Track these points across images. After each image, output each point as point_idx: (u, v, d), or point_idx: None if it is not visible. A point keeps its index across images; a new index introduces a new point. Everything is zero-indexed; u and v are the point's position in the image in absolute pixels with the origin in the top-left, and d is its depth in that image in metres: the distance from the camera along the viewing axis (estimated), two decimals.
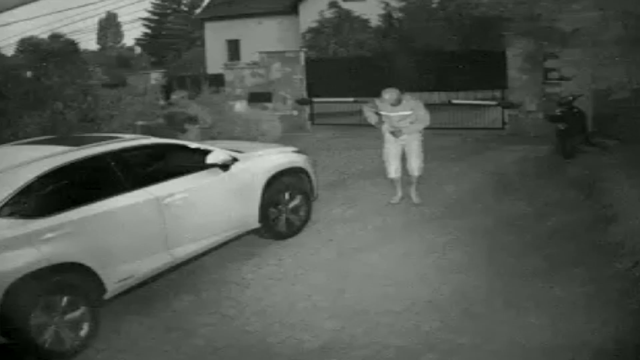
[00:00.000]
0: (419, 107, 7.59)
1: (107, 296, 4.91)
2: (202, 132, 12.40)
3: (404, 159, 7.84)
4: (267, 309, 5.16)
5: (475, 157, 10.70)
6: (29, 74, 14.35)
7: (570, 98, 10.05)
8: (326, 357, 4.37)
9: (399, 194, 7.97)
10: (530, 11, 8.90)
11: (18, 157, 5.11)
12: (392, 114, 7.58)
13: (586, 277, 5.31)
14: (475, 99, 14.85)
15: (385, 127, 7.72)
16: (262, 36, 23.69)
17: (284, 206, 6.67)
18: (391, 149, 7.80)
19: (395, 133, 7.61)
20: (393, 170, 7.85)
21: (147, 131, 10.22)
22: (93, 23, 50.58)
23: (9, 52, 24.49)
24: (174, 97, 14.56)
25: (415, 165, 7.78)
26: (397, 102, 7.46)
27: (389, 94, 7.51)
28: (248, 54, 21.89)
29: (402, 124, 7.56)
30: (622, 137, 9.10)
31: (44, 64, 13.59)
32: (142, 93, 14.51)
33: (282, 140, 11.42)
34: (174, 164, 5.91)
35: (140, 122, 12.53)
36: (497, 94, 13.71)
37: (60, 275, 4.59)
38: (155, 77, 15.88)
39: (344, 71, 18.43)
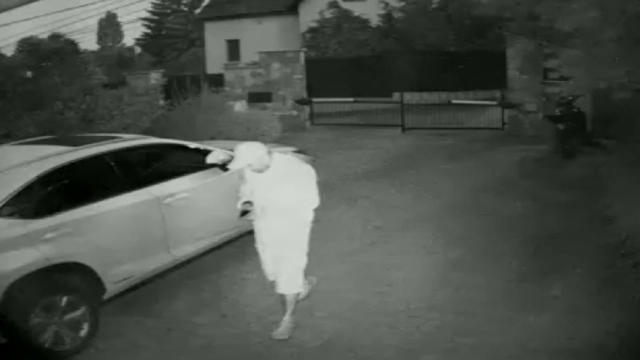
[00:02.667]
0: (299, 172, 4.44)
1: (106, 296, 4.92)
2: None
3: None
4: (267, 308, 5.16)
5: (474, 157, 10.71)
6: (29, 74, 14.38)
7: (570, 98, 10.07)
8: (326, 357, 4.38)
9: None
10: (530, 11, 8.90)
11: (18, 157, 5.10)
12: (256, 186, 4.47)
13: (586, 277, 5.32)
14: (475, 99, 14.90)
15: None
16: (262, 36, 23.73)
17: None
18: (259, 240, 4.68)
19: (244, 209, 4.55)
20: (270, 271, 4.71)
21: None
22: (93, 23, 50.58)
23: (9, 52, 24.51)
24: None
25: (284, 273, 4.50)
26: (263, 167, 4.33)
27: (240, 155, 4.31)
28: (248, 54, 21.92)
29: (270, 202, 4.42)
30: (621, 137, 9.10)
31: (44, 64, 13.61)
32: (142, 93, 14.53)
33: (282, 140, 11.45)
34: (174, 164, 5.91)
35: None
36: (497, 94, 13.74)
37: (60, 275, 4.59)
38: (155, 77, 15.88)
39: (344, 71, 18.46)
